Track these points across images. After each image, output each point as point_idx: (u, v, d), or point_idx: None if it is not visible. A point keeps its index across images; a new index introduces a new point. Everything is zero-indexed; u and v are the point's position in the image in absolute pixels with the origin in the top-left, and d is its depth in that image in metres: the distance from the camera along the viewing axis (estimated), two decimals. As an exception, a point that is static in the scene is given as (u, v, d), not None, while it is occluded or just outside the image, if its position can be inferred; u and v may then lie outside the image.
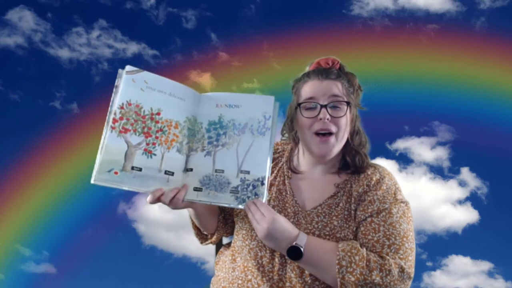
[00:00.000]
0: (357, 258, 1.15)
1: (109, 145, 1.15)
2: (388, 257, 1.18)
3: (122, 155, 1.16)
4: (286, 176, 1.38)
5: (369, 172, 1.33)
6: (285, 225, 1.19)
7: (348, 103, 1.30)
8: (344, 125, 1.29)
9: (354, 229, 1.25)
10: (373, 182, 1.29)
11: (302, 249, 1.17)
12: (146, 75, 1.20)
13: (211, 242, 1.47)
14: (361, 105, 1.39)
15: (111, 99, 1.18)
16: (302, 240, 1.19)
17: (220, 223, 1.41)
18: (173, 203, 1.21)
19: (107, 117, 1.17)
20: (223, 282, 1.32)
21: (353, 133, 1.35)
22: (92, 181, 1.14)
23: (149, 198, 1.18)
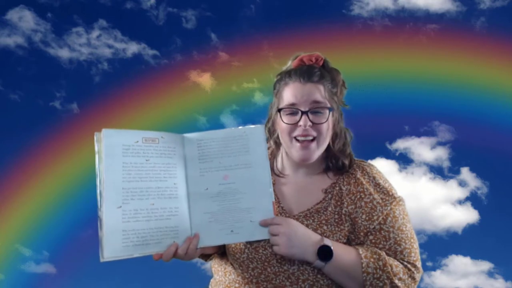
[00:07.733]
0: (381, 263, 1.16)
1: None
2: (405, 262, 1.22)
3: None
4: None
5: (358, 175, 1.29)
6: (302, 227, 1.18)
7: (330, 109, 1.25)
8: (325, 131, 1.25)
9: (347, 232, 1.23)
10: (365, 186, 1.26)
11: (332, 248, 1.15)
12: None
13: (213, 258, 1.44)
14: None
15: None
16: (327, 240, 1.17)
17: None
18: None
19: None
20: (220, 285, 1.31)
21: (335, 136, 1.31)
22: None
23: None
